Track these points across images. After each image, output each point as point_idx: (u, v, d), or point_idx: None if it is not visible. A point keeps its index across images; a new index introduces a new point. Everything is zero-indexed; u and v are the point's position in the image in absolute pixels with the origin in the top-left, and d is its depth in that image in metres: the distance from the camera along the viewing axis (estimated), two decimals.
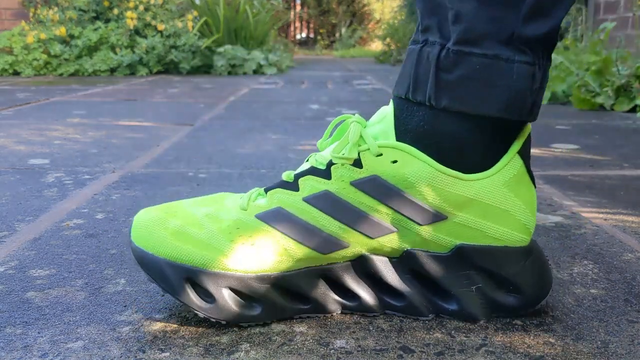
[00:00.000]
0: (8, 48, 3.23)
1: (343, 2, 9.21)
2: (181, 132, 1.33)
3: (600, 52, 1.84)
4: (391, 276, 0.43)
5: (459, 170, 0.41)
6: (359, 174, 0.42)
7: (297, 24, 9.79)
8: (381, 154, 0.41)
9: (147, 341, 0.41)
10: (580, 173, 0.92)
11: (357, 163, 0.42)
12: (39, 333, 0.42)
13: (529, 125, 0.43)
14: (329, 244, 0.42)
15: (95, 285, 0.50)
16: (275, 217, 0.42)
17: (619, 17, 2.21)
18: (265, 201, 0.44)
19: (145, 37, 3.39)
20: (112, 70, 3.29)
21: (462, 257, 0.42)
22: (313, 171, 0.43)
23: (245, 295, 0.42)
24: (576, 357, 0.39)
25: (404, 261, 0.43)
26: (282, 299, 0.43)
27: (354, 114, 0.45)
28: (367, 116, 0.47)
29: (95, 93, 2.25)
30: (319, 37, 9.51)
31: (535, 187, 0.43)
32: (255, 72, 3.49)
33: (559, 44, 2.26)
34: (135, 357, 0.39)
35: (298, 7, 9.66)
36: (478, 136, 0.42)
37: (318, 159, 0.44)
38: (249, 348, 0.40)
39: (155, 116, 1.59)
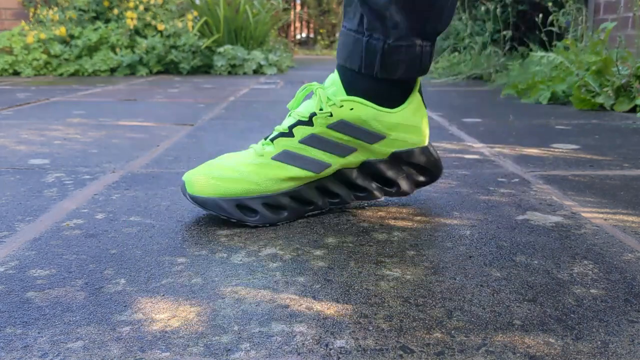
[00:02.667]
0: (8, 48, 3.23)
1: (343, 2, 9.20)
2: (181, 132, 1.33)
3: (600, 52, 1.84)
4: (357, 178, 0.70)
5: (388, 107, 0.68)
6: (331, 120, 0.66)
7: (297, 24, 9.78)
8: (342, 105, 0.66)
9: (147, 341, 0.41)
10: (580, 173, 0.92)
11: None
12: (39, 333, 0.42)
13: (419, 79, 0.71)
14: (320, 166, 0.67)
15: (95, 285, 0.50)
16: (284, 156, 0.66)
17: (619, 17, 2.21)
18: (272, 148, 0.67)
19: (145, 37, 3.39)
20: (112, 70, 3.29)
21: (396, 159, 0.70)
22: (301, 122, 0.67)
23: (275, 206, 0.66)
24: (576, 357, 0.39)
25: (364, 167, 0.70)
26: (297, 205, 0.67)
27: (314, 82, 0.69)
28: None
29: (95, 93, 2.25)
30: (319, 37, 9.50)
31: (425, 108, 0.72)
32: (255, 72, 3.49)
33: (559, 43, 2.26)
34: (135, 357, 0.39)
35: (298, 7, 9.65)
36: (397, 88, 0.69)
37: (300, 114, 0.67)
38: (249, 348, 0.40)
39: (155, 116, 1.59)
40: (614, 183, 0.85)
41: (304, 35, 10.00)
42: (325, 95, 0.66)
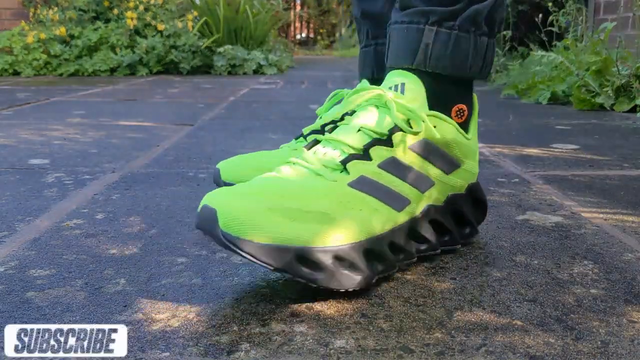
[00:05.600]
0: (8, 48, 3.23)
1: (343, 2, 9.21)
2: (181, 132, 1.33)
3: (600, 52, 1.84)
4: (443, 218, 0.55)
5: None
6: (415, 139, 0.52)
7: (297, 24, 9.79)
8: (424, 121, 0.52)
9: (147, 341, 0.41)
10: (580, 173, 0.92)
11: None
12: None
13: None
14: (401, 201, 0.51)
15: (95, 285, 0.50)
16: (362, 184, 0.49)
17: (619, 17, 2.21)
18: (345, 172, 0.50)
19: (145, 37, 3.39)
20: (112, 70, 3.29)
21: (470, 193, 0.57)
22: (378, 141, 0.51)
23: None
24: (576, 357, 0.39)
25: (448, 204, 0.55)
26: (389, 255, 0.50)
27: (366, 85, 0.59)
28: None
29: (95, 93, 2.25)
30: (319, 37, 9.51)
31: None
32: (255, 72, 3.49)
33: (559, 43, 2.26)
34: (135, 357, 0.39)
35: (298, 7, 9.66)
36: (467, 101, 0.57)
37: (373, 128, 0.51)
38: (249, 348, 0.40)
39: (155, 116, 1.59)
40: (613, 183, 0.85)
41: (304, 35, 10.00)
42: (409, 107, 0.52)
